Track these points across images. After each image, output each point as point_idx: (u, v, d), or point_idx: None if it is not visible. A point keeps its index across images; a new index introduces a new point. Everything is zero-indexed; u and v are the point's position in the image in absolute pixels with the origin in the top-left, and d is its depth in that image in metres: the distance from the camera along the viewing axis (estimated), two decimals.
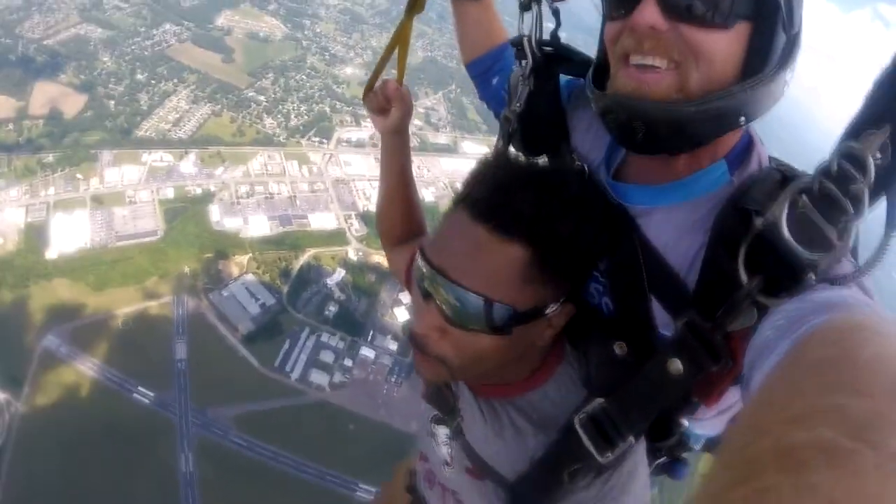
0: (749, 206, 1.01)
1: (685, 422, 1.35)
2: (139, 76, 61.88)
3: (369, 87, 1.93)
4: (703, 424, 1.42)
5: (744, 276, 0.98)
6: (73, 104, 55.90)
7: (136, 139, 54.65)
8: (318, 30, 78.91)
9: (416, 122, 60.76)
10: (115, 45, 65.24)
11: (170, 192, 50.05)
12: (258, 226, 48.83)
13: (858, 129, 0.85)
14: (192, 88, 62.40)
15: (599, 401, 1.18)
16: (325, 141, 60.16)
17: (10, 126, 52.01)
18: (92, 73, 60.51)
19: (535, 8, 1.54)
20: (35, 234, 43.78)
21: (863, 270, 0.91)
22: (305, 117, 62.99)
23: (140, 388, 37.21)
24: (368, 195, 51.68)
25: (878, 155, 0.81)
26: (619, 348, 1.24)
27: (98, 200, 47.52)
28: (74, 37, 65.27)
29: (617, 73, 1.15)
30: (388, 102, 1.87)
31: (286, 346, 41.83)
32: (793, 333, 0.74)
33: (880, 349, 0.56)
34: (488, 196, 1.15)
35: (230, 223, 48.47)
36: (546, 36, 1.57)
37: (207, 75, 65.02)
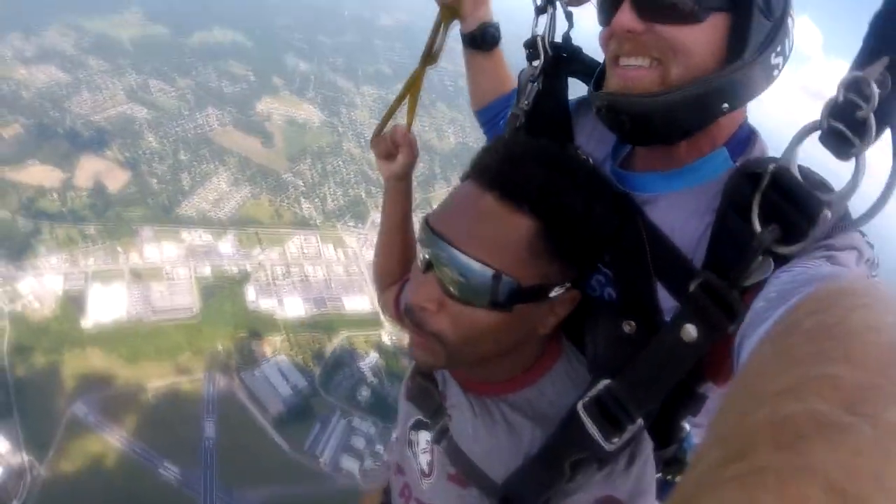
0: (757, 169, 1.04)
1: (686, 427, 1.36)
2: (182, 156, 65.72)
3: (377, 132, 1.98)
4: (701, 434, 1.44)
5: (758, 226, 0.99)
6: (116, 180, 59.08)
7: (177, 217, 57.30)
8: (354, 117, 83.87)
9: None
10: (160, 126, 69.56)
11: (207, 271, 52.08)
12: (293, 307, 50.39)
13: (859, 65, 0.89)
14: (232, 171, 65.92)
15: (605, 382, 1.15)
16: (360, 224, 62.95)
17: (55, 196, 54.74)
18: (136, 151, 64.29)
19: (549, 10, 1.66)
20: (72, 303, 45.30)
21: (875, 208, 0.91)
22: (341, 201, 66.31)
23: (166, 463, 37.43)
24: None
25: (878, 89, 0.85)
26: (627, 326, 1.24)
27: (136, 274, 49.35)
28: (120, 115, 69.80)
29: (609, 74, 1.27)
30: (395, 148, 1.90)
31: (317, 429, 42.11)
32: (784, 304, 0.74)
33: (873, 315, 0.56)
34: (498, 165, 1.17)
35: (265, 304, 50.02)
36: (559, 39, 1.70)
37: (248, 159, 68.76)
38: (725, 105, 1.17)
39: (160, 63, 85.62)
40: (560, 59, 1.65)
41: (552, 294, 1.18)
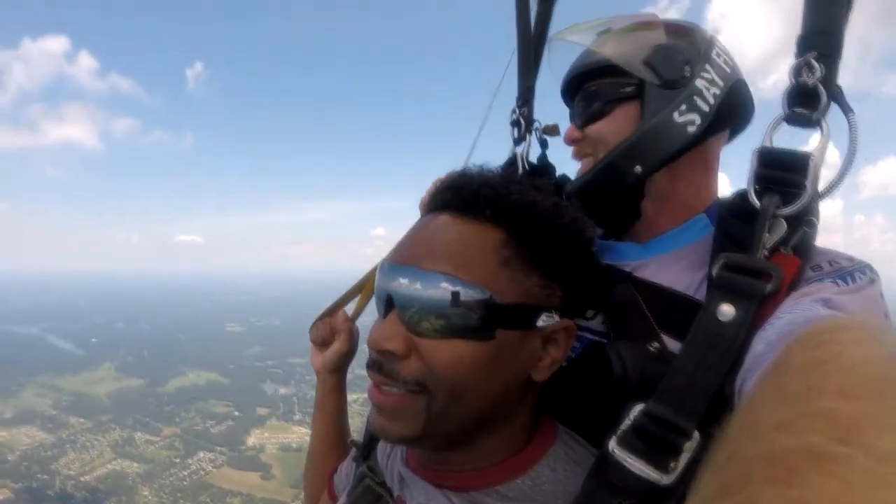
0: (739, 196, 1.14)
1: None
2: None
3: (320, 319, 1.81)
4: None
5: (755, 201, 1.05)
6: None
7: None
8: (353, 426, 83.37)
9: None
10: (154, 478, 67.33)
11: None
12: None
13: (798, 56, 1.07)
14: None
15: (638, 408, 0.97)
16: None
17: None
18: None
19: (527, 138, 1.88)
20: None
21: (843, 171, 1.05)
22: None
23: None
24: None
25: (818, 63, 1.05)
26: (652, 346, 1.18)
27: None
28: (111, 473, 67.88)
29: None
30: (331, 335, 1.73)
31: None
32: (782, 345, 0.73)
33: (865, 350, 0.57)
34: (449, 185, 1.09)
35: None
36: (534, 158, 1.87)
37: (251, 495, 66.09)
38: (637, 167, 1.31)
39: (141, 414, 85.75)
40: (537, 171, 1.80)
41: (540, 322, 1.01)
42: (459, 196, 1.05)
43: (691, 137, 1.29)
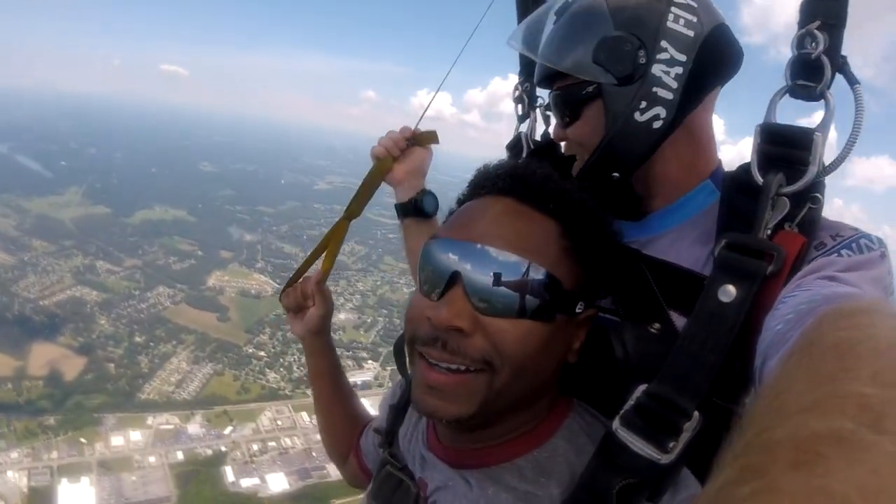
0: (741, 168, 1.18)
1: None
2: (137, 339, 65.79)
3: (289, 285, 1.89)
4: None
5: (759, 177, 1.08)
6: (72, 366, 58.56)
7: (140, 402, 56.56)
8: None
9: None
10: (112, 308, 70.44)
11: (179, 456, 50.71)
12: (277, 483, 49.23)
13: (801, 27, 1.09)
14: (191, 349, 66.15)
15: (641, 388, 1.01)
16: None
17: (10, 385, 53.92)
18: (90, 335, 64.47)
19: (531, 115, 1.90)
20: (39, 500, 43.47)
21: (848, 146, 1.06)
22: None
23: None
24: None
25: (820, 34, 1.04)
26: (652, 328, 1.21)
27: (105, 466, 47.79)
28: (70, 299, 70.68)
29: None
30: (305, 300, 1.82)
31: None
32: (804, 324, 0.74)
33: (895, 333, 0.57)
34: (511, 172, 1.14)
35: (247, 483, 48.73)
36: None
37: (205, 335, 69.35)
38: (615, 174, 1.33)
39: (105, 243, 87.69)
40: (542, 150, 1.69)
41: (578, 308, 1.10)
42: (525, 186, 1.10)
43: (659, 133, 1.28)
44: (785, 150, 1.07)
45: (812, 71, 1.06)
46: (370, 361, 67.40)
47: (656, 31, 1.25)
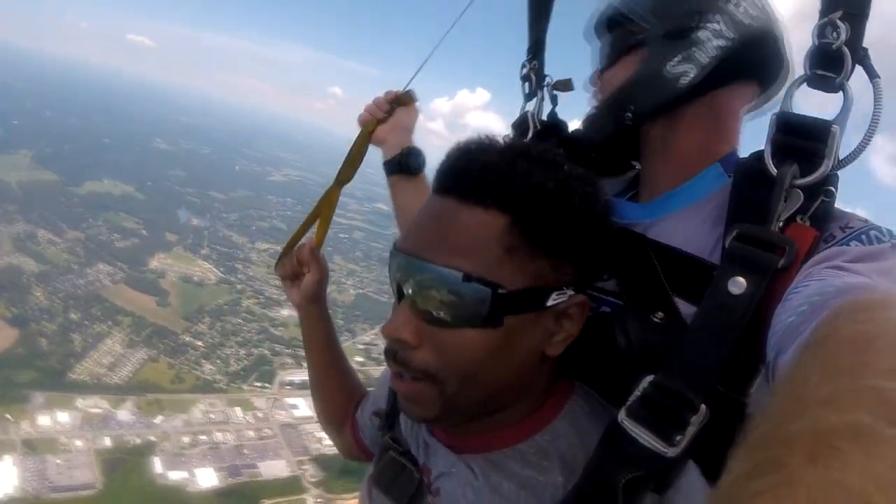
0: (755, 156, 1.16)
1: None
2: (72, 315, 64.20)
3: (283, 255, 1.90)
4: None
5: (773, 168, 1.06)
6: (3, 338, 56.98)
7: (70, 382, 55.40)
8: (251, 273, 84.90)
9: (357, 359, 64.02)
10: (49, 281, 68.38)
11: (107, 442, 50.02)
12: (206, 478, 48.89)
13: (823, 16, 1.05)
14: (127, 332, 64.88)
15: (647, 379, 1.00)
16: (267, 385, 62.53)
17: None
18: (24, 307, 62.64)
19: (538, 94, 1.86)
20: None
21: (865, 140, 1.05)
22: (245, 362, 65.72)
23: None
24: (319, 437, 51.97)
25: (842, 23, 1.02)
26: (656, 317, 1.15)
27: (30, 446, 46.89)
28: (8, 266, 68.54)
29: None
30: (301, 268, 1.83)
31: None
32: (818, 316, 0.73)
33: None
34: (452, 164, 1.11)
35: (175, 476, 48.28)
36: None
37: (143, 318, 68.07)
38: (628, 114, 1.38)
39: (49, 212, 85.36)
40: (549, 129, 1.80)
41: (550, 301, 1.04)
42: (462, 182, 1.06)
43: (681, 89, 1.32)
44: (801, 141, 1.06)
45: (832, 61, 1.05)
46: None
47: (716, 5, 1.32)
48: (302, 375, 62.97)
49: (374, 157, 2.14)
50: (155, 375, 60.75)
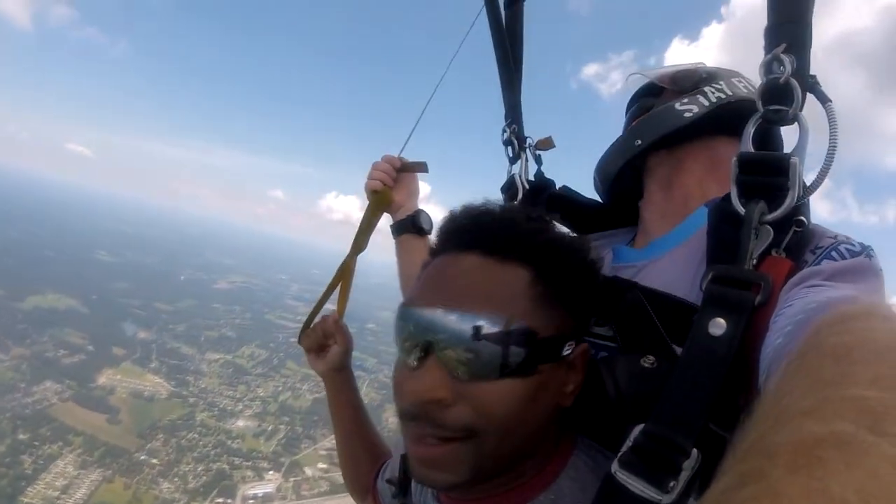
0: (726, 196, 1.14)
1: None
2: (21, 436, 62.05)
3: (306, 327, 1.90)
4: None
5: (740, 207, 1.07)
6: None
7: None
8: (203, 385, 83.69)
9: (320, 465, 63.54)
10: None
11: None
12: None
13: (767, 51, 1.09)
14: (78, 452, 62.87)
15: (639, 428, 0.97)
16: (230, 501, 60.99)
17: None
18: None
19: (522, 156, 1.93)
20: None
21: (826, 165, 1.05)
22: (204, 478, 64.07)
23: None
24: None
25: (787, 56, 1.05)
26: (646, 362, 1.13)
27: None
28: None
29: None
30: (325, 339, 1.85)
31: None
32: (803, 332, 0.72)
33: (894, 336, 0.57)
34: (472, 225, 1.10)
35: None
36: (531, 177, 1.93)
37: (94, 437, 66.17)
38: (638, 140, 1.51)
39: None
40: (537, 189, 1.85)
41: (565, 351, 1.05)
42: (487, 238, 1.06)
43: (685, 122, 1.44)
44: (763, 178, 1.07)
45: (783, 94, 1.07)
46: (271, 472, 66.56)
47: (721, 77, 1.51)
48: (264, 488, 63.34)
49: (332, 262, 2.07)
50: (111, 497, 58.97)
